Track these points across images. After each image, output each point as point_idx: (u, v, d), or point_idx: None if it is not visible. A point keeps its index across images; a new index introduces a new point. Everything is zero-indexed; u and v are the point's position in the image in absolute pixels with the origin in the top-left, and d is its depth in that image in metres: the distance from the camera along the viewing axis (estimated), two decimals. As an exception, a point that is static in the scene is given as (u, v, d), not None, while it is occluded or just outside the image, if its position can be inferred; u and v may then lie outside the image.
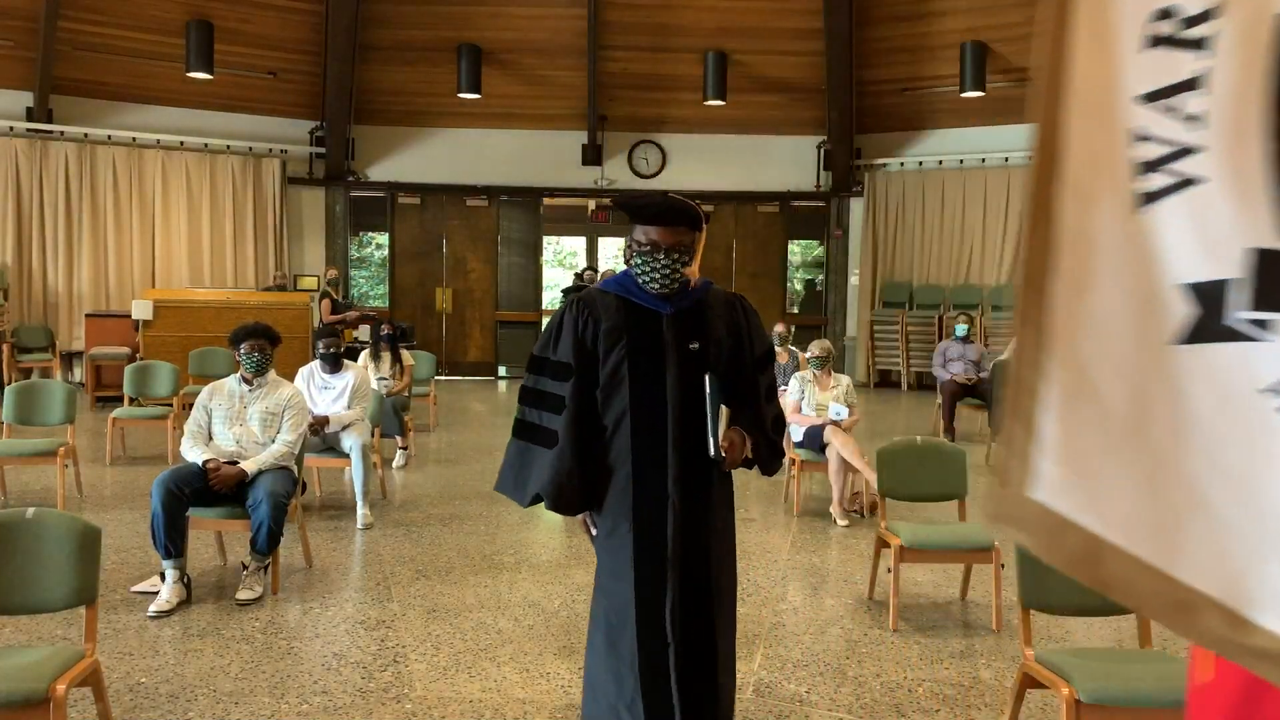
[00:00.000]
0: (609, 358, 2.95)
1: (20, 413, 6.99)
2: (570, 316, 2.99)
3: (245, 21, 13.31)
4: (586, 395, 2.95)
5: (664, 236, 2.94)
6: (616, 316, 2.99)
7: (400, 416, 8.30)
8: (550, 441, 2.93)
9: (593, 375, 2.96)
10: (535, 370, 3.03)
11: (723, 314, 3.09)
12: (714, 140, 14.76)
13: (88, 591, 3.30)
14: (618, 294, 3.04)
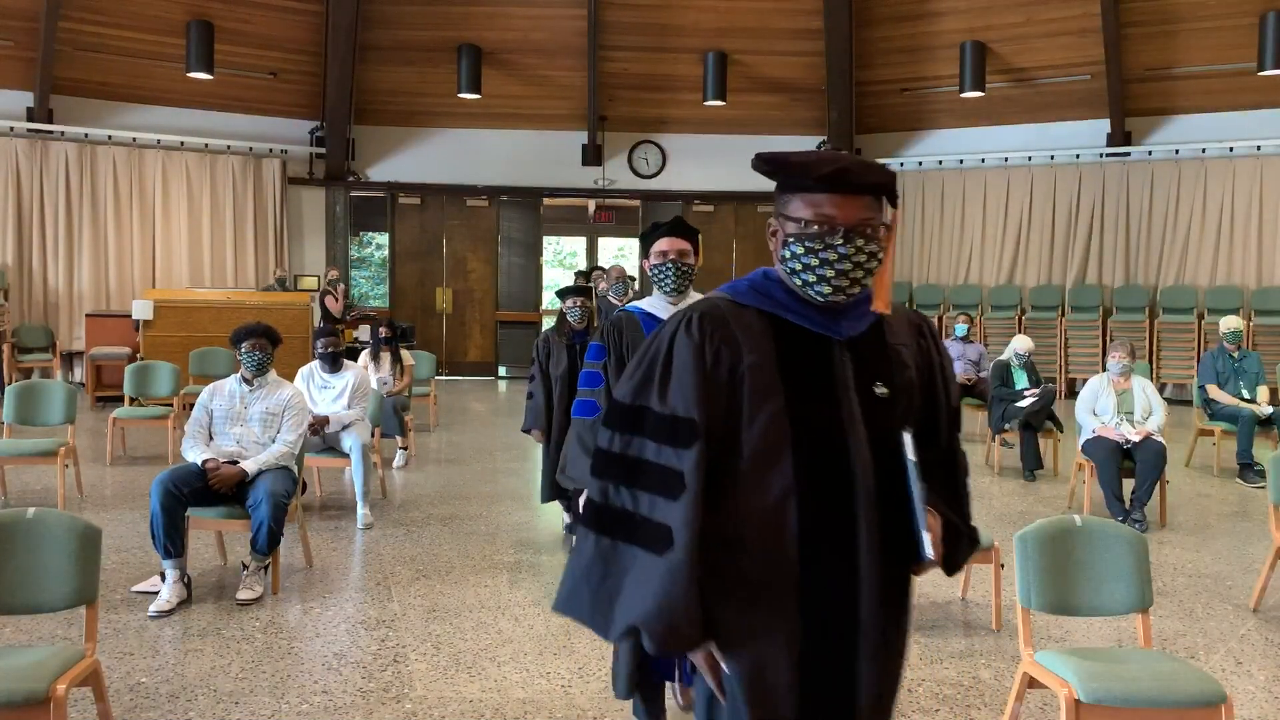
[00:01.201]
0: (759, 410, 1.86)
1: (20, 413, 6.99)
2: (689, 341, 1.88)
3: (245, 21, 13.31)
4: (717, 471, 1.86)
5: (846, 211, 1.86)
6: (763, 343, 1.90)
7: (400, 416, 8.30)
8: (659, 542, 1.83)
9: (726, 438, 1.86)
10: (627, 425, 1.91)
11: (907, 340, 2.02)
12: (714, 140, 14.76)
13: (88, 591, 3.30)
14: (759, 308, 1.94)
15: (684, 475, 1.81)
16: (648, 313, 3.46)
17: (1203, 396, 8.64)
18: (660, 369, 1.88)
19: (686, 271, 3.46)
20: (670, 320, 1.92)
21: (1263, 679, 4.23)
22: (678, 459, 1.82)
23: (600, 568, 1.86)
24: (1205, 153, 12.84)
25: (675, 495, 1.81)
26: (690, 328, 1.88)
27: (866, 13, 13.89)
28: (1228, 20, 12.21)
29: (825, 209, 1.87)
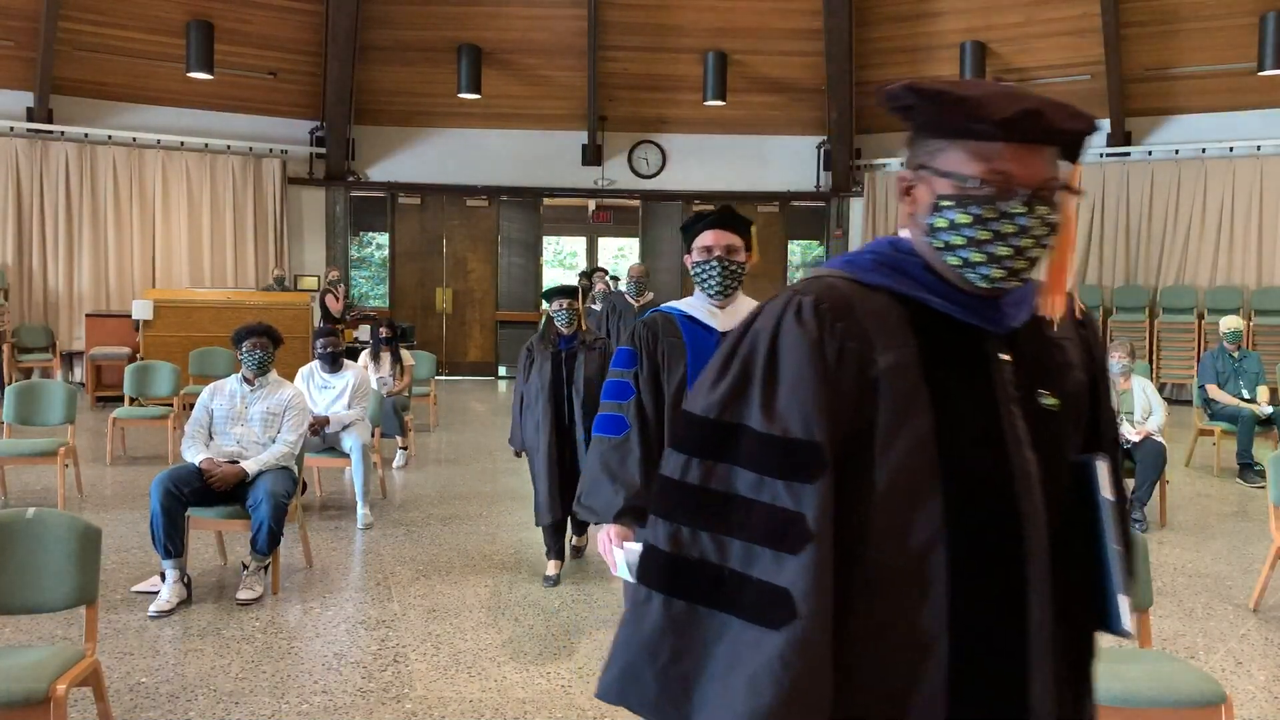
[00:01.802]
0: (898, 430, 1.34)
1: (20, 413, 6.99)
2: (802, 333, 1.35)
3: (245, 21, 13.31)
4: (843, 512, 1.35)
5: (1029, 168, 1.36)
6: (903, 338, 1.37)
7: (400, 416, 8.30)
8: (769, 610, 1.29)
9: (849, 468, 1.34)
10: (712, 448, 1.37)
11: (1069, 332, 1.51)
12: (714, 140, 14.76)
13: (88, 591, 3.30)
14: (893, 289, 1.41)
15: (805, 519, 1.29)
16: (688, 315, 2.95)
17: (1203, 396, 8.64)
18: (762, 372, 1.35)
19: (735, 271, 2.93)
20: (769, 307, 1.40)
21: (1263, 679, 4.23)
22: (792, 496, 1.30)
23: (671, 641, 1.30)
24: (1205, 153, 12.84)
25: (792, 546, 1.29)
26: (802, 315, 1.35)
27: (866, 13, 13.89)
28: (1228, 20, 12.21)
29: (1002, 163, 1.36)
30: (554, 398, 5.35)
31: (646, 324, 2.96)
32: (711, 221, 2.97)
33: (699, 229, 2.97)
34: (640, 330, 2.96)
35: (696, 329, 2.92)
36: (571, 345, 5.43)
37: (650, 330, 2.94)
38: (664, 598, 1.34)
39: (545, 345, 5.47)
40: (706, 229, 2.95)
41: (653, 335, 2.93)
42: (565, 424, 5.34)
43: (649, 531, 1.40)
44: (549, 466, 5.31)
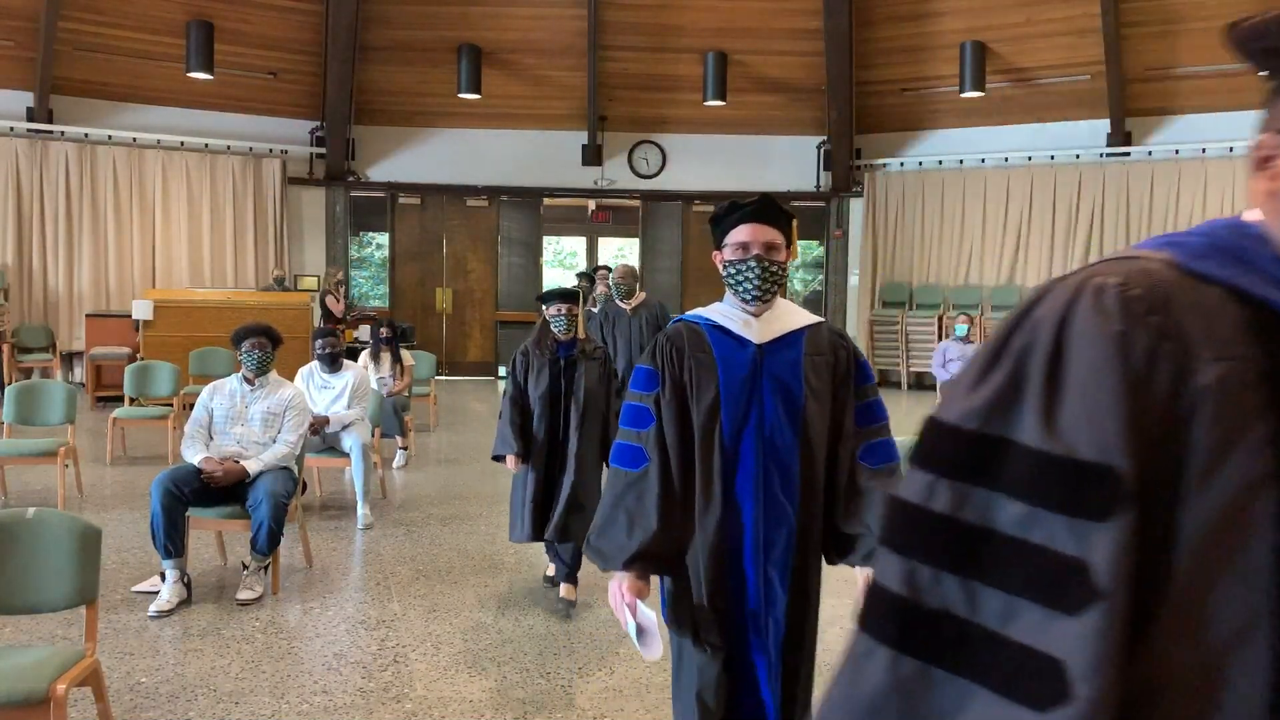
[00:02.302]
0: (1220, 465, 0.93)
1: (21, 413, 6.99)
2: (1104, 328, 0.95)
3: (245, 21, 13.31)
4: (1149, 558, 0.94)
5: None
6: (1240, 346, 0.98)
7: (400, 416, 8.30)
8: (1033, 684, 0.91)
9: (1148, 515, 0.92)
10: (967, 467, 0.99)
11: None
12: (714, 140, 14.76)
13: (88, 591, 3.30)
14: (1230, 282, 1.04)
15: (1091, 569, 0.93)
16: (716, 325, 2.55)
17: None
18: (1042, 371, 0.99)
19: (776, 274, 2.50)
20: (1056, 290, 1.03)
21: (1263, 679, 4.23)
22: (1075, 537, 0.94)
23: (898, 707, 1.00)
24: (1205, 153, 12.84)
25: (1071, 603, 0.94)
26: (1103, 301, 0.99)
27: (866, 13, 13.89)
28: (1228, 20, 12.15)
29: None
30: (550, 409, 4.95)
31: (670, 338, 2.57)
32: (749, 214, 2.53)
33: (733, 222, 2.54)
34: (662, 345, 2.57)
35: (727, 342, 2.53)
36: (571, 354, 5.02)
37: (674, 345, 2.55)
38: (892, 654, 1.02)
39: (543, 352, 5.03)
40: (742, 223, 2.52)
41: (677, 351, 2.54)
42: (559, 437, 4.94)
43: (880, 569, 1.03)
44: (538, 483, 4.91)
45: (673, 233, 15.39)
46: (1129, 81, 13.02)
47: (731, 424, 2.48)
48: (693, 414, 2.49)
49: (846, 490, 2.55)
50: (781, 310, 2.58)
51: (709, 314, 2.62)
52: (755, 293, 2.51)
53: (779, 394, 2.49)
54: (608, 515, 2.49)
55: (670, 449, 2.48)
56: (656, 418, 2.51)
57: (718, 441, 2.49)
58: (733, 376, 2.50)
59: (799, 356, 2.53)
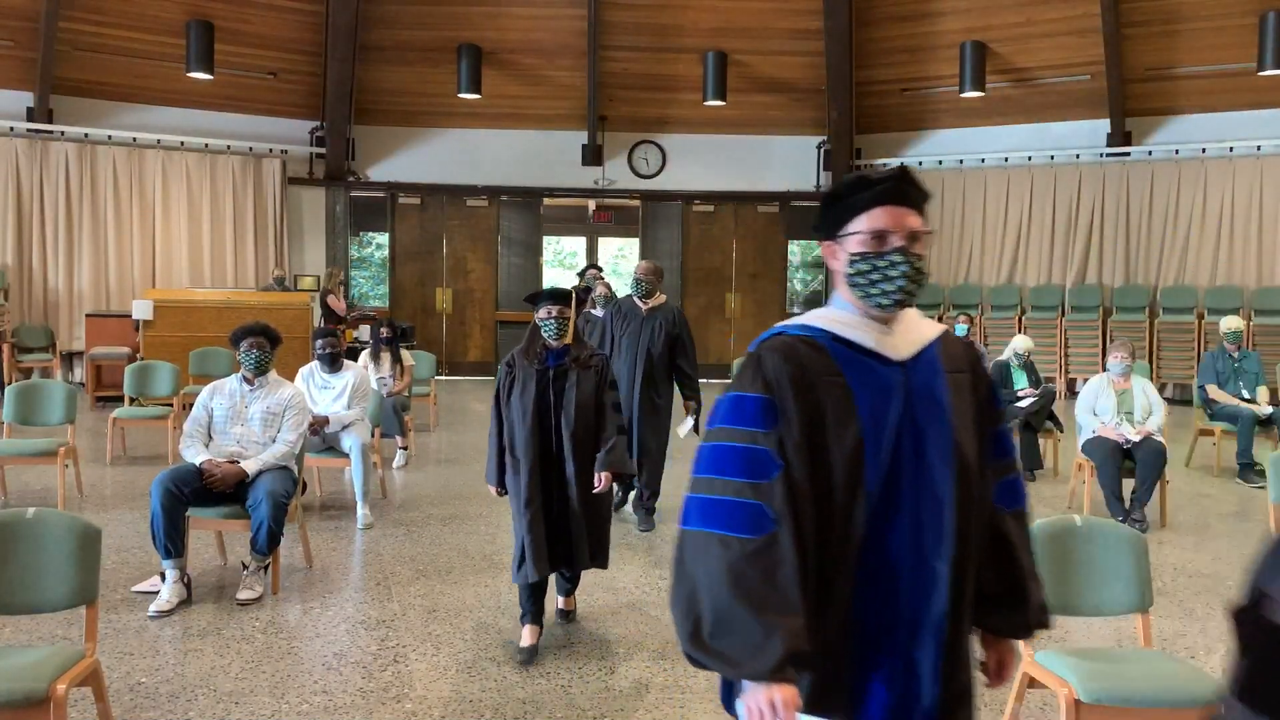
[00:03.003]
0: None
1: (21, 413, 6.99)
2: None
3: (245, 21, 13.31)
4: None
5: None
6: None
7: (400, 416, 8.30)
8: None
9: None
10: None
11: None
12: (714, 140, 14.76)
13: (88, 591, 3.30)
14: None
15: None
16: (838, 337, 1.96)
17: (1203, 396, 8.64)
18: None
19: (923, 271, 1.95)
20: None
21: (1263, 679, 4.23)
22: None
23: None
24: (1205, 153, 12.84)
25: None
26: None
27: (866, 13, 13.90)
28: (1228, 20, 12.22)
29: None
30: (539, 426, 4.37)
31: (784, 354, 1.92)
32: (887, 193, 1.93)
33: (864, 202, 1.94)
34: (774, 364, 1.91)
35: (862, 361, 1.93)
36: (562, 362, 4.45)
37: (794, 365, 1.91)
38: None
39: (530, 360, 4.45)
40: (878, 204, 1.93)
41: (800, 372, 1.90)
42: (551, 455, 4.39)
43: None
44: (533, 511, 4.32)
45: (673, 233, 15.39)
46: (1129, 81, 13.02)
47: (879, 470, 1.86)
48: (832, 462, 1.86)
49: (988, 541, 2.01)
50: (911, 317, 2.01)
51: (822, 323, 1.99)
52: (898, 296, 1.92)
53: (931, 426, 1.90)
54: (725, 603, 1.79)
55: (804, 505, 1.85)
56: (784, 462, 1.85)
57: (862, 494, 1.86)
58: (876, 407, 1.89)
59: (941, 376, 1.95)
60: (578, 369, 4.45)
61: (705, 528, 1.84)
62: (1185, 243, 13.02)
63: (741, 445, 1.87)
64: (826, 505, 1.84)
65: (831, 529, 1.84)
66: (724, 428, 1.90)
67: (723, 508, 1.84)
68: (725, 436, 1.89)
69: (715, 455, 1.88)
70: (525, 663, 4.27)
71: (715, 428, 1.91)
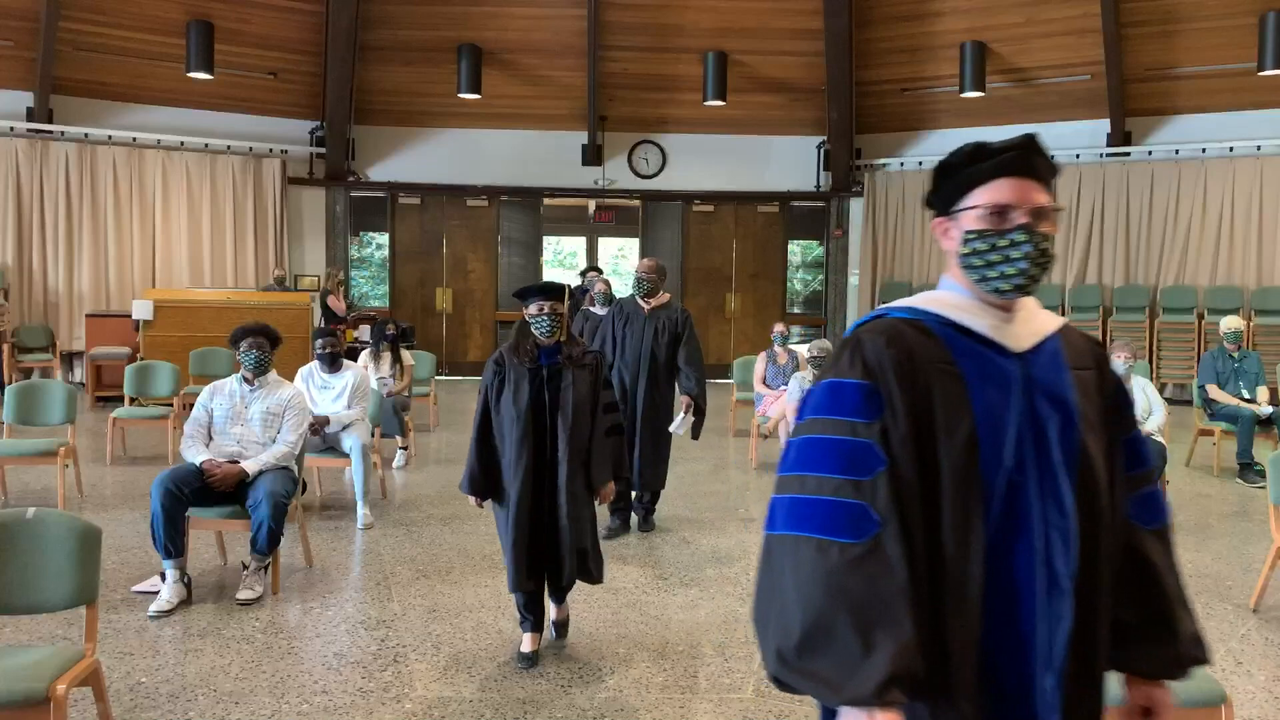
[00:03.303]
0: None
1: (21, 413, 6.99)
2: None
3: (245, 21, 13.31)
4: None
5: None
6: None
7: (400, 416, 8.30)
8: None
9: None
10: None
11: None
12: (714, 140, 14.76)
13: (88, 591, 3.30)
14: None
15: None
16: (950, 321, 1.73)
17: (1203, 396, 8.64)
18: None
19: (1050, 253, 1.71)
20: None
21: (1263, 679, 4.23)
22: None
23: None
24: (1205, 153, 12.84)
25: None
26: None
27: (866, 13, 13.89)
28: (1228, 20, 12.21)
29: None
30: (534, 428, 4.14)
31: (888, 337, 1.69)
32: (1011, 162, 1.71)
33: (983, 174, 1.72)
34: (876, 348, 1.68)
35: (977, 350, 1.70)
36: (555, 360, 4.23)
37: (900, 349, 1.68)
38: None
39: (521, 359, 4.23)
40: (1000, 175, 1.71)
41: (906, 358, 1.67)
42: (545, 460, 4.17)
43: None
44: (523, 519, 4.13)
45: (673, 233, 15.39)
46: (1129, 81, 13.02)
47: (996, 474, 1.64)
48: (940, 458, 1.63)
49: (1125, 563, 1.77)
50: (1030, 305, 1.78)
51: (932, 306, 1.76)
52: (1020, 280, 1.69)
53: (1054, 428, 1.67)
54: (820, 614, 1.55)
55: (911, 507, 1.62)
56: (888, 458, 1.62)
57: (977, 500, 1.63)
58: (993, 401, 1.66)
59: (1065, 372, 1.72)
60: (573, 367, 4.23)
61: (797, 531, 1.61)
62: (1185, 243, 13.02)
63: (839, 438, 1.63)
64: (935, 509, 1.62)
65: (941, 537, 1.62)
66: (818, 418, 1.66)
67: (818, 508, 1.61)
68: (820, 428, 1.65)
69: (808, 449, 1.65)
70: (526, 668, 4.24)
71: (806, 419, 1.68)
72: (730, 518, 6.92)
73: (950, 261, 1.78)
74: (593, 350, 4.50)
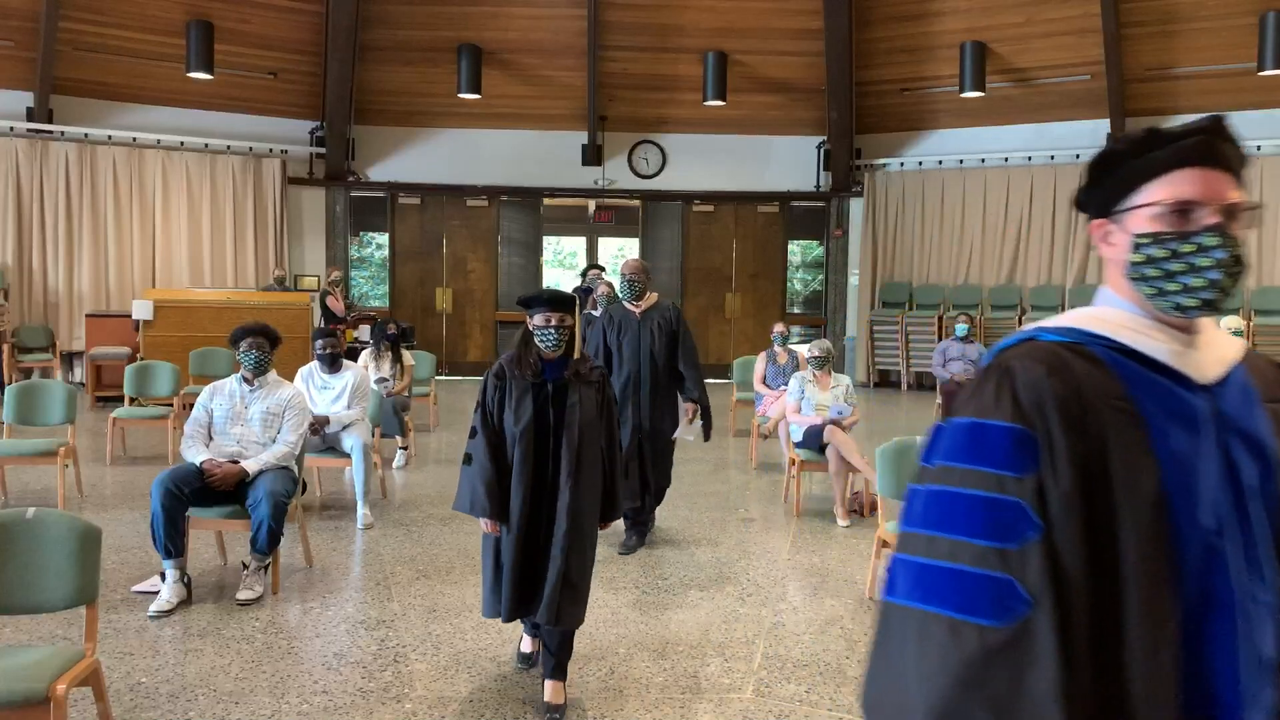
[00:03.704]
0: None
1: (21, 413, 6.99)
2: None
3: (245, 21, 13.31)
4: None
5: None
6: None
7: (400, 416, 8.31)
8: None
9: None
10: None
11: None
12: (714, 140, 14.76)
13: (88, 591, 3.30)
14: None
15: None
16: (1120, 346, 1.39)
17: (1203, 396, 8.63)
18: None
19: (1241, 258, 1.40)
20: None
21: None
22: None
23: None
24: (1205, 153, 12.83)
25: None
26: None
27: (866, 13, 13.89)
28: (1228, 20, 12.21)
29: None
30: (536, 449, 3.81)
31: (1049, 365, 1.33)
32: (1196, 149, 1.39)
33: (1161, 164, 1.39)
34: (1031, 380, 1.32)
35: (1158, 383, 1.36)
36: (561, 376, 3.89)
37: (1062, 382, 1.32)
38: None
39: (524, 373, 3.90)
40: (1181, 166, 1.38)
41: (1071, 394, 1.31)
42: (545, 486, 3.83)
43: None
44: (518, 548, 3.80)
45: (673, 233, 15.39)
46: (1129, 81, 13.02)
47: (1193, 543, 1.31)
48: (1120, 521, 1.29)
49: None
50: (1210, 327, 1.45)
51: (1098, 328, 1.40)
52: (1209, 294, 1.36)
53: (1252, 476, 1.34)
54: (947, 715, 1.23)
55: (1074, 584, 1.26)
56: (1042, 523, 1.27)
57: (1166, 576, 1.29)
58: (1180, 447, 1.33)
59: (1257, 407, 1.39)
60: (579, 384, 3.88)
61: (925, 604, 1.27)
62: (1185, 243, 13.01)
63: (981, 493, 1.29)
64: (1108, 589, 1.27)
65: (1113, 625, 1.27)
66: (954, 467, 1.32)
67: (953, 579, 1.27)
68: (956, 479, 1.31)
69: (941, 504, 1.31)
70: (526, 668, 4.19)
71: (938, 465, 1.33)
72: (730, 518, 6.92)
73: (1112, 271, 1.42)
74: (597, 365, 4.12)
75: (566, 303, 3.94)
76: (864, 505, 6.97)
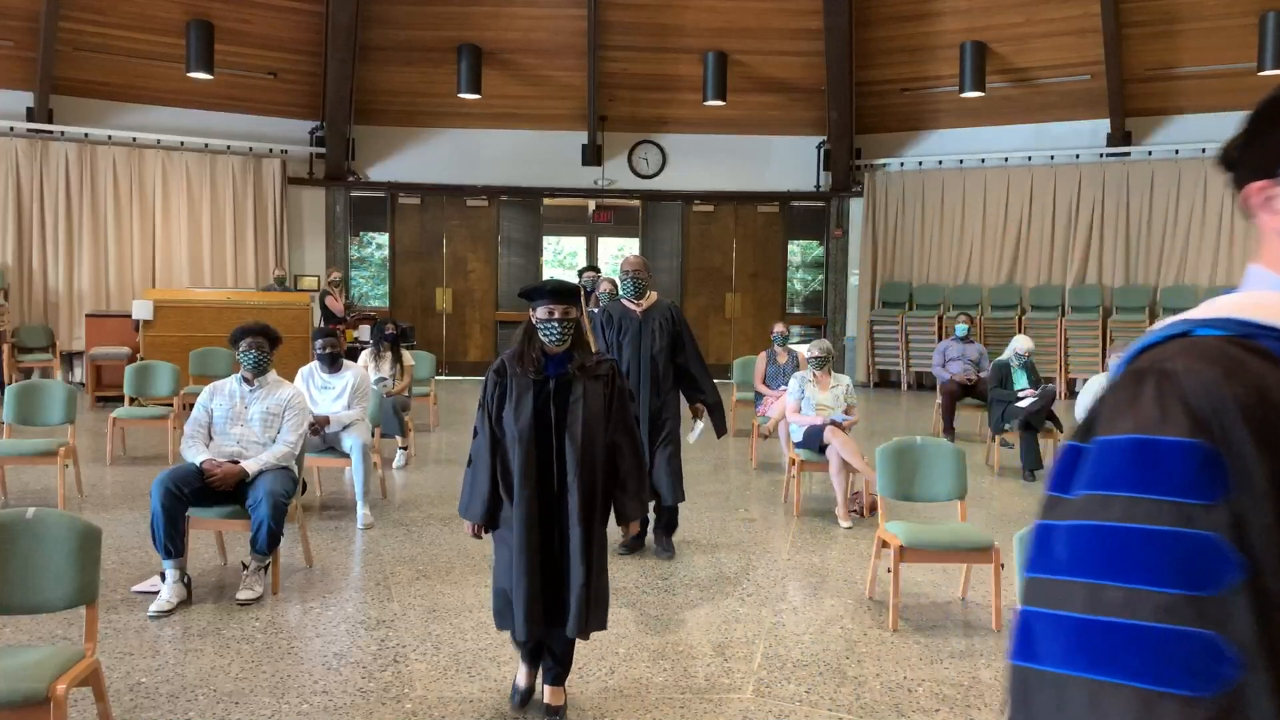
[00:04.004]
0: None
1: (20, 413, 6.99)
2: None
3: (245, 21, 13.31)
4: None
5: None
6: None
7: (400, 417, 8.31)
8: None
9: None
10: None
11: None
12: (714, 140, 14.76)
13: (88, 591, 3.30)
14: None
15: None
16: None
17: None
18: None
19: None
20: None
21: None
22: None
23: None
24: (1205, 153, 12.83)
25: None
26: None
27: (866, 13, 13.89)
28: (1228, 20, 12.22)
29: None
30: (538, 449, 3.61)
31: (1224, 366, 0.94)
32: None
33: None
34: (1206, 385, 0.93)
35: None
36: (564, 370, 3.68)
37: (1247, 387, 0.93)
38: None
39: (526, 369, 3.69)
40: None
41: (1258, 401, 0.92)
42: (551, 486, 3.63)
43: None
44: (530, 556, 3.57)
45: (673, 233, 15.39)
46: (1129, 81, 13.02)
47: None
48: None
49: None
50: None
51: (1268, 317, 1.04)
52: None
53: None
54: None
55: None
56: (1242, 569, 0.90)
57: None
58: None
59: None
60: (584, 379, 3.67)
61: (1096, 674, 0.92)
62: (1185, 243, 13.02)
63: (1160, 529, 0.94)
64: None
65: None
66: (1115, 496, 0.95)
67: (1134, 639, 0.92)
68: (1121, 512, 0.94)
69: (1103, 544, 0.95)
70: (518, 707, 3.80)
71: (1089, 495, 0.96)
72: (730, 518, 6.92)
73: (1272, 244, 1.07)
74: (607, 358, 3.88)
75: (570, 294, 3.75)
76: (864, 506, 6.98)
